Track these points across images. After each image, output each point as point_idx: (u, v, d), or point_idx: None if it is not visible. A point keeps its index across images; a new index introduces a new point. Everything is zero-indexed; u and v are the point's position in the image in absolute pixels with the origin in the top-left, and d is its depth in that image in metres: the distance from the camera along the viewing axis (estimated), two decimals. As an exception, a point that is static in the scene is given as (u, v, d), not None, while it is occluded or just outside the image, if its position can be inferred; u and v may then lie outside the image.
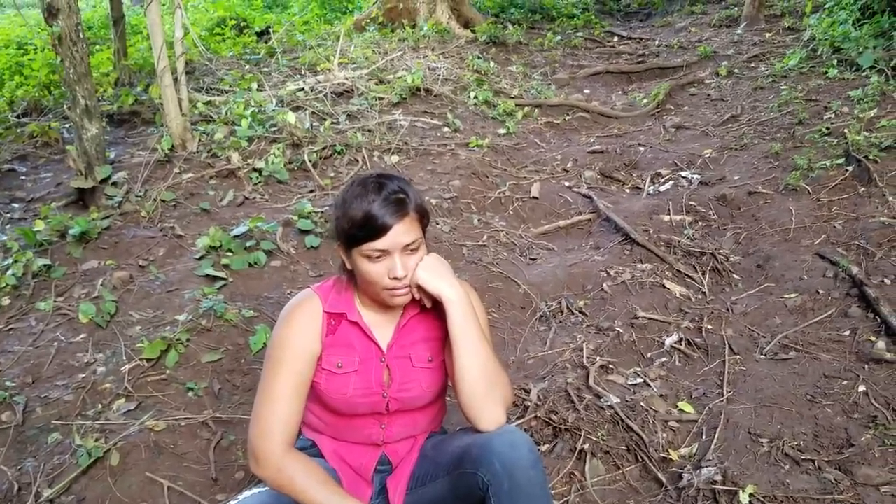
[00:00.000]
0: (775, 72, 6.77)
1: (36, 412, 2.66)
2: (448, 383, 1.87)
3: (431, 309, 1.78)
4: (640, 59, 8.44)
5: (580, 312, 3.50)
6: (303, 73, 6.83)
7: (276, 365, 1.69)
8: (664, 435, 2.58)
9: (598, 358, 3.06)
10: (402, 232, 1.62)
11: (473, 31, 9.00)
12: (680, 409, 2.74)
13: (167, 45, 4.73)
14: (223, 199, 4.33)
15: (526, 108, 6.47)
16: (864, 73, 5.90)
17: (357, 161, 4.95)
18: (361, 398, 1.75)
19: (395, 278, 1.64)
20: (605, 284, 3.68)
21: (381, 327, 1.80)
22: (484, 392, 1.70)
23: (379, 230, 1.60)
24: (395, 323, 1.81)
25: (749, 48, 8.05)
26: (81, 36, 4.02)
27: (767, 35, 8.37)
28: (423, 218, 1.70)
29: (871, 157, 4.26)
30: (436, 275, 1.69)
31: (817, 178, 4.33)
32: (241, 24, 9.86)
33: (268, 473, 1.62)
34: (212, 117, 5.39)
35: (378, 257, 1.63)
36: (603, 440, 2.54)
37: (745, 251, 3.93)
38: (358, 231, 1.61)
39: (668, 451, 2.50)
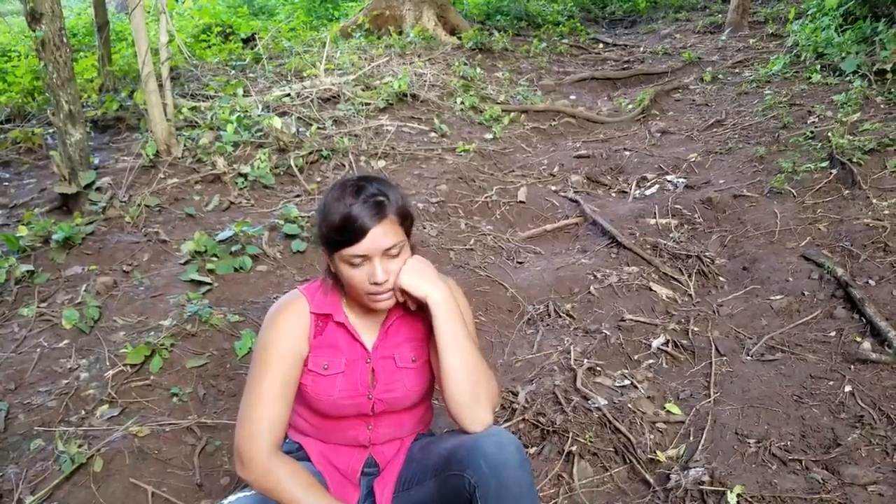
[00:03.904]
0: (759, 77, 6.82)
1: (18, 418, 2.62)
2: (434, 385, 1.86)
3: (417, 309, 1.78)
4: (626, 66, 8.47)
5: (567, 315, 3.50)
6: (289, 78, 6.79)
7: (263, 367, 1.67)
8: (652, 436, 2.58)
9: (585, 360, 3.06)
10: (381, 235, 1.58)
11: (459, 38, 9.01)
12: (667, 411, 2.74)
13: (152, 51, 4.70)
14: (208, 204, 4.30)
15: (512, 114, 6.48)
16: (847, 78, 5.95)
17: (343, 166, 4.94)
18: (347, 400, 1.74)
19: (376, 283, 1.61)
20: (591, 287, 3.68)
21: (367, 328, 1.78)
22: (470, 393, 1.68)
23: (357, 234, 1.56)
24: (381, 324, 1.79)
25: (733, 54, 8.10)
26: (65, 40, 3.99)
27: (751, 41, 8.44)
28: (405, 220, 1.66)
29: (854, 159, 4.30)
30: (421, 278, 1.66)
31: (802, 181, 4.37)
32: (227, 31, 9.83)
33: (253, 476, 1.59)
34: (197, 123, 5.35)
35: (358, 262, 1.61)
36: (591, 442, 2.53)
37: (731, 254, 3.95)
38: (337, 235, 1.58)
39: (655, 452, 2.50)
